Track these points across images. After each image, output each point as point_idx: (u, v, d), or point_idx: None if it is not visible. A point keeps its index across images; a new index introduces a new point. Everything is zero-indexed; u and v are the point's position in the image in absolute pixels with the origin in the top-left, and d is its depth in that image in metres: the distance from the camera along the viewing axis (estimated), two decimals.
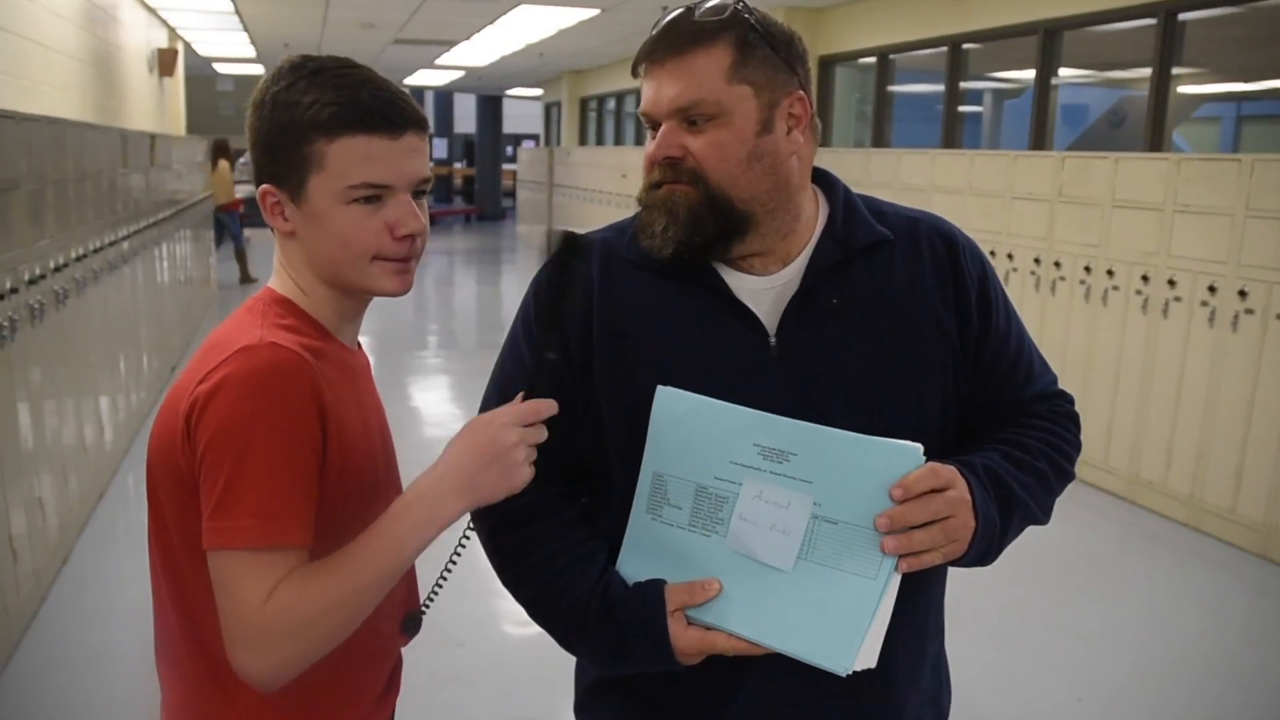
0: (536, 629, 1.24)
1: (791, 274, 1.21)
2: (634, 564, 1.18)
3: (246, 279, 11.11)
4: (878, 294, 1.21)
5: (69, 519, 4.03)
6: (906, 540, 1.07)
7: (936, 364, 1.21)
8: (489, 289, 13.36)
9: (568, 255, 1.16)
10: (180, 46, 11.81)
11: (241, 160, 21.32)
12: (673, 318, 1.20)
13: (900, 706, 1.27)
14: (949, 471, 1.10)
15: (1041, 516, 1.23)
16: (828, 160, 7.65)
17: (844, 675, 1.06)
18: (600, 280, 1.22)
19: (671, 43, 1.14)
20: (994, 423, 1.26)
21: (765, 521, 1.10)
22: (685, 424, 1.13)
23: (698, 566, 1.14)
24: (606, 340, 1.20)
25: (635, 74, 1.19)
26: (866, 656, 1.07)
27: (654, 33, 1.17)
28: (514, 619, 3.53)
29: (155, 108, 10.32)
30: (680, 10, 1.17)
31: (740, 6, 1.16)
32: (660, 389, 1.14)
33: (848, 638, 1.07)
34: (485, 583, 1.41)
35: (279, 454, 1.04)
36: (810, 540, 1.09)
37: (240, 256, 11.24)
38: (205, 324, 8.77)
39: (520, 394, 1.13)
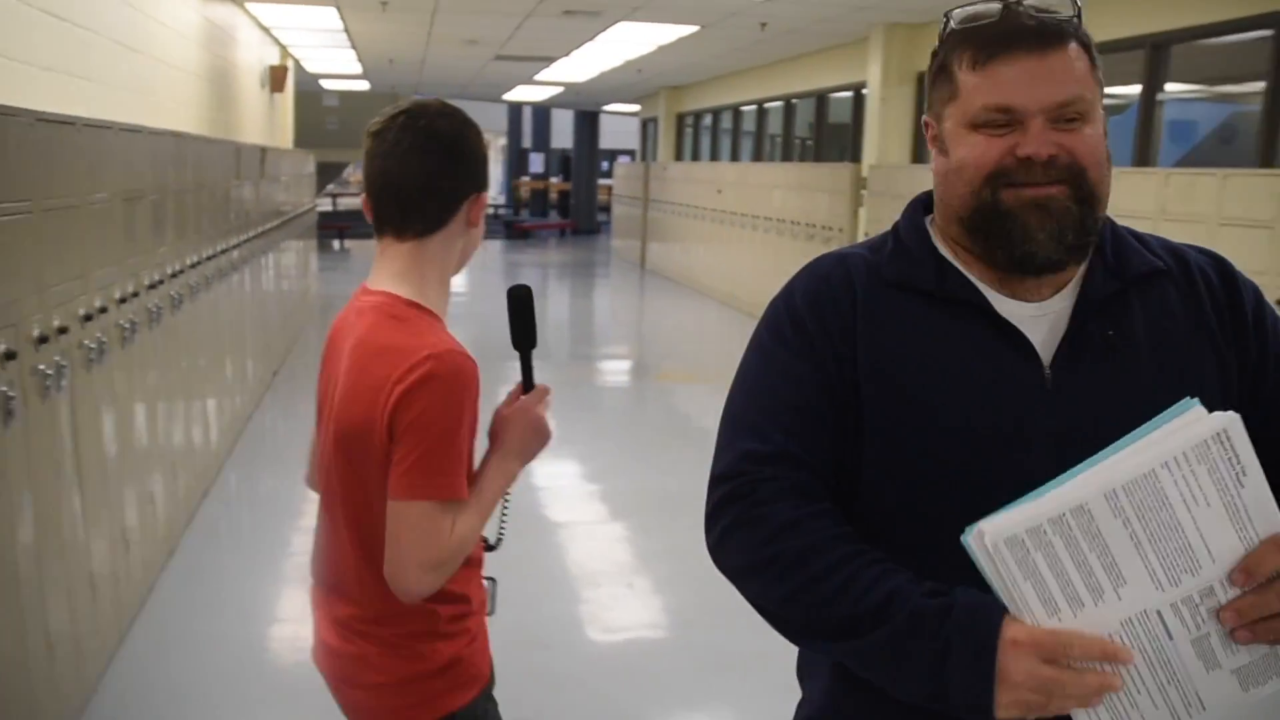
0: (621, 636, 1.25)
1: (1062, 302, 1.13)
2: None
3: None
4: (1155, 327, 1.12)
5: (176, 514, 4.22)
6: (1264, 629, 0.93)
7: (1218, 400, 1.06)
8: (582, 302, 13.50)
9: None
10: (290, 63, 12.23)
11: (346, 171, 21.77)
12: (942, 344, 1.12)
13: None
14: None
15: None
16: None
17: None
18: (865, 301, 1.15)
19: (1044, 34, 1.06)
20: None
21: None
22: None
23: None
24: (872, 365, 1.12)
25: (975, 65, 1.08)
26: None
27: (999, 22, 1.08)
28: (598, 624, 3.51)
29: (266, 122, 10.70)
30: (1013, 3, 1.09)
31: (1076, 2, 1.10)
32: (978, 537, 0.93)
33: None
34: (569, 588, 1.46)
35: (460, 434, 1.44)
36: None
37: None
38: (306, 332, 9.00)
39: (520, 386, 1.62)
